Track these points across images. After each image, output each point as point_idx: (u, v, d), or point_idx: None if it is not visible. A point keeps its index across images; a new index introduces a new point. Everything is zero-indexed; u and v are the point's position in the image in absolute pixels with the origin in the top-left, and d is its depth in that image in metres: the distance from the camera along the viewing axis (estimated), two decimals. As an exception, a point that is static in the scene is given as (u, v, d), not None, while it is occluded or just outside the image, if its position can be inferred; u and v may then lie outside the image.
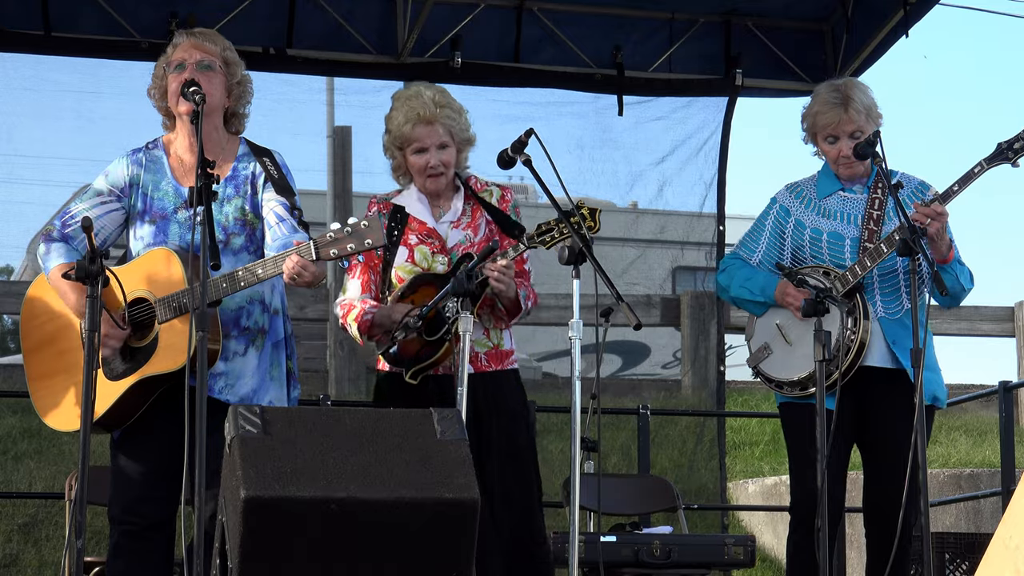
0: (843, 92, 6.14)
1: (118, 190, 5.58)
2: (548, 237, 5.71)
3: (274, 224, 5.47)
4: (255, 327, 5.51)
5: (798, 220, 6.21)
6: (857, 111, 6.10)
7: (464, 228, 5.92)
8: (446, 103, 5.91)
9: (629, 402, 10.74)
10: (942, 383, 6.14)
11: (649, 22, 8.72)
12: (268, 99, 8.41)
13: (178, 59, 5.55)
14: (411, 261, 5.86)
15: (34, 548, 9.60)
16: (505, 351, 5.91)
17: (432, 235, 5.90)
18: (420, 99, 5.89)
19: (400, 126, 5.88)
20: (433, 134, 5.86)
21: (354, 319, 5.81)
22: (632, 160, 9.39)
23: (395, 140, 5.92)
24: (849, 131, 6.11)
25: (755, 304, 6.20)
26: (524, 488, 5.80)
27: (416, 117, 5.85)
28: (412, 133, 5.86)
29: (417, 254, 5.87)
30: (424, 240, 5.89)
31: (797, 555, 6.06)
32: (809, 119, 6.22)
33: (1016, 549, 4.23)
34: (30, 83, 8.62)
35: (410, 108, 5.88)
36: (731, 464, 11.98)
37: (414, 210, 5.93)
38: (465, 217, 5.95)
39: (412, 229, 5.91)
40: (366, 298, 5.86)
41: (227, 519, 4.66)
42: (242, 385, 5.47)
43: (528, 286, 5.91)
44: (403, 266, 5.86)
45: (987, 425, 12.33)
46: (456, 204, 5.96)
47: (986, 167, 5.98)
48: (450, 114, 5.90)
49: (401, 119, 5.88)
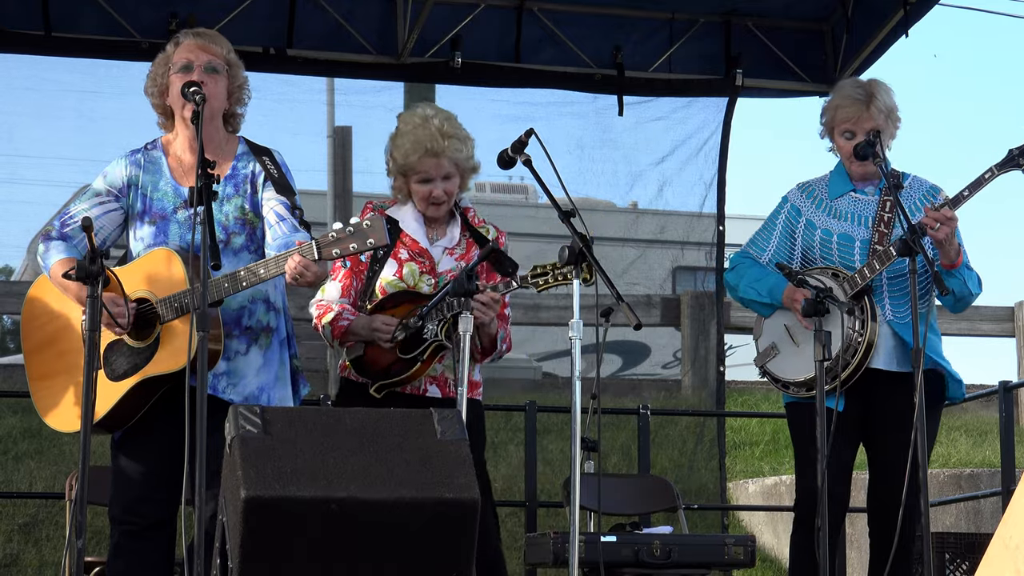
0: (867, 89, 6.14)
1: (116, 191, 5.58)
2: (542, 280, 5.66)
3: (274, 223, 5.47)
4: (258, 326, 5.51)
5: (809, 220, 6.21)
6: (879, 109, 6.09)
7: (458, 258, 5.91)
8: (453, 133, 5.86)
9: (629, 402, 10.73)
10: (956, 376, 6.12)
11: (649, 22, 8.72)
12: (268, 99, 8.43)
13: (183, 59, 5.53)
14: (399, 276, 5.83)
15: (34, 548, 9.60)
16: (474, 381, 5.84)
17: (424, 255, 5.88)
18: (428, 129, 5.83)
19: (407, 156, 5.84)
20: (439, 167, 5.84)
21: (330, 321, 5.77)
22: (632, 160, 9.40)
23: (400, 168, 5.88)
24: (867, 128, 6.09)
25: (762, 305, 6.20)
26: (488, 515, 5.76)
27: (423, 150, 5.82)
28: (418, 164, 5.83)
29: (406, 270, 5.84)
30: (415, 258, 5.87)
31: (798, 554, 6.07)
32: (829, 112, 6.20)
33: (1016, 549, 4.23)
34: (31, 83, 8.63)
35: (416, 139, 5.83)
36: (731, 464, 11.97)
37: (409, 228, 5.90)
38: (459, 248, 5.94)
39: (404, 244, 5.88)
40: (344, 303, 5.84)
41: (227, 519, 4.66)
42: (246, 384, 5.47)
43: (507, 329, 5.90)
44: (389, 280, 5.84)
45: (987, 425, 12.32)
46: (452, 232, 5.95)
47: (997, 173, 5.98)
48: (457, 145, 5.86)
49: (408, 148, 5.84)
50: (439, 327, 5.66)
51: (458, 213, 5.99)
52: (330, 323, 5.77)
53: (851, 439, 6.08)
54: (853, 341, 5.94)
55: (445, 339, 5.69)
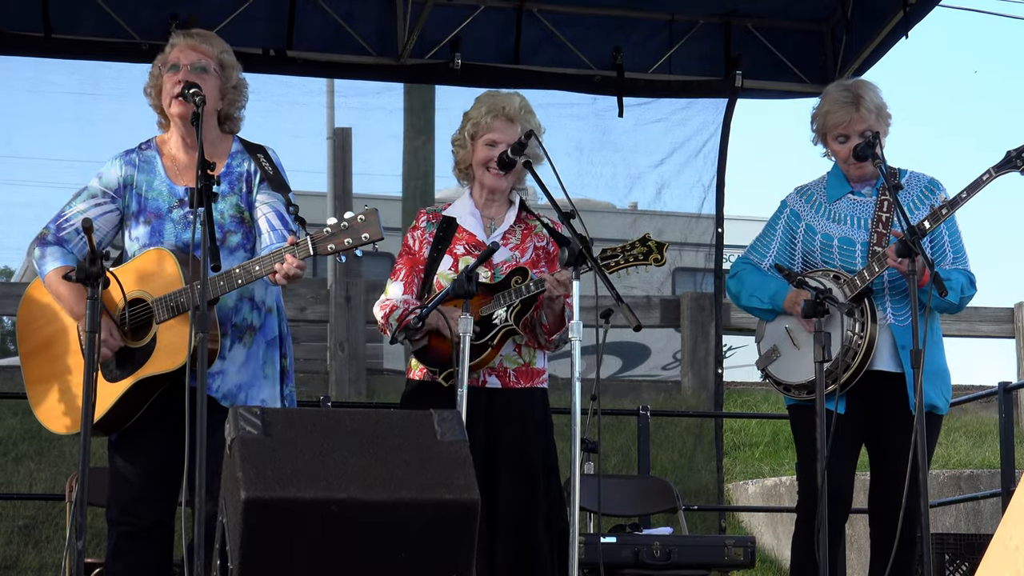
0: (854, 91, 6.14)
1: (112, 191, 5.58)
2: (612, 262, 5.72)
3: (265, 232, 5.46)
4: (243, 324, 5.50)
5: (808, 225, 6.21)
6: (868, 110, 6.10)
7: (512, 248, 5.93)
8: (532, 112, 5.97)
9: (629, 403, 10.74)
10: (946, 390, 6.12)
11: (649, 23, 8.72)
12: (268, 101, 8.43)
13: (173, 59, 5.55)
14: (454, 270, 5.84)
15: (35, 550, 9.60)
16: (536, 369, 5.91)
17: (480, 248, 5.86)
18: (509, 99, 5.96)
19: (482, 115, 5.93)
20: (510, 132, 5.89)
21: (397, 318, 5.76)
22: (631, 162, 9.40)
23: (472, 128, 5.95)
24: (860, 130, 6.09)
25: (765, 311, 6.22)
26: (529, 501, 5.77)
27: (500, 111, 5.91)
28: (492, 124, 5.91)
29: (462, 264, 5.84)
30: (471, 251, 5.88)
31: (800, 555, 6.08)
32: (819, 119, 6.21)
33: (1016, 550, 4.23)
34: (30, 85, 8.64)
35: (495, 103, 5.94)
36: (731, 465, 11.97)
37: (466, 222, 5.94)
38: (514, 237, 5.95)
39: (460, 239, 5.91)
40: (408, 299, 5.86)
41: (227, 520, 4.66)
42: (225, 381, 5.45)
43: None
44: (446, 274, 5.85)
45: (987, 426, 12.33)
46: (509, 218, 5.97)
47: (995, 175, 5.97)
48: (532, 120, 5.94)
49: (484, 110, 5.94)
50: (509, 312, 5.68)
51: (516, 198, 6.02)
52: (398, 318, 5.75)
53: (854, 441, 6.09)
54: (853, 343, 5.94)
55: (516, 324, 5.71)
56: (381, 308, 5.89)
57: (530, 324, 5.82)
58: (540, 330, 5.82)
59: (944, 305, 6.01)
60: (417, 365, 5.88)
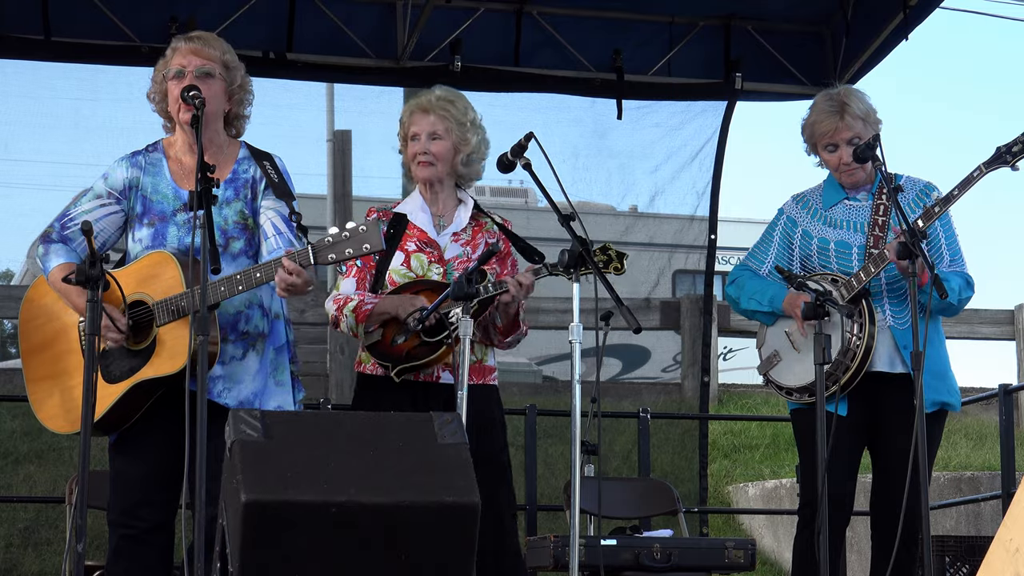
0: (838, 100, 6.16)
1: (117, 193, 5.58)
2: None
3: (271, 235, 5.47)
4: (255, 331, 5.50)
5: (805, 230, 6.22)
6: (854, 117, 6.11)
7: (463, 244, 5.95)
8: (452, 100, 6.01)
9: (629, 405, 10.74)
10: (953, 388, 6.12)
11: (649, 26, 8.72)
12: (268, 104, 8.40)
13: (177, 65, 5.54)
14: (407, 266, 5.88)
15: (35, 552, 9.60)
16: (488, 367, 5.95)
17: (431, 244, 5.92)
18: (427, 94, 6.04)
19: (407, 115, 6.04)
20: (425, 122, 5.96)
21: (353, 308, 5.80)
22: (630, 164, 9.40)
23: (402, 130, 6.05)
24: (847, 138, 6.11)
25: (764, 315, 6.23)
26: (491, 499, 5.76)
27: (417, 105, 6.00)
28: (412, 119, 6.00)
29: (414, 261, 5.88)
30: (422, 248, 5.91)
31: (801, 557, 6.08)
32: (808, 129, 6.23)
33: (1016, 552, 4.24)
34: (28, 90, 8.63)
35: (415, 100, 6.04)
36: (731, 467, 11.99)
37: (416, 219, 5.97)
38: (465, 234, 5.98)
39: (411, 236, 5.93)
40: (361, 294, 5.88)
41: (228, 523, 4.66)
42: (241, 389, 5.47)
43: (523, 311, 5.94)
44: (398, 270, 5.88)
45: (987, 428, 12.34)
46: (461, 217, 5.99)
47: (985, 171, 5.97)
48: (448, 108, 5.98)
49: (407, 110, 6.05)
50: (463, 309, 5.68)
51: (469, 200, 6.04)
52: (353, 310, 5.80)
53: (856, 443, 6.09)
54: (852, 345, 5.95)
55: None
56: (334, 302, 5.90)
57: (483, 324, 5.84)
58: (493, 331, 5.87)
59: (942, 307, 6.01)
60: (368, 359, 5.89)
